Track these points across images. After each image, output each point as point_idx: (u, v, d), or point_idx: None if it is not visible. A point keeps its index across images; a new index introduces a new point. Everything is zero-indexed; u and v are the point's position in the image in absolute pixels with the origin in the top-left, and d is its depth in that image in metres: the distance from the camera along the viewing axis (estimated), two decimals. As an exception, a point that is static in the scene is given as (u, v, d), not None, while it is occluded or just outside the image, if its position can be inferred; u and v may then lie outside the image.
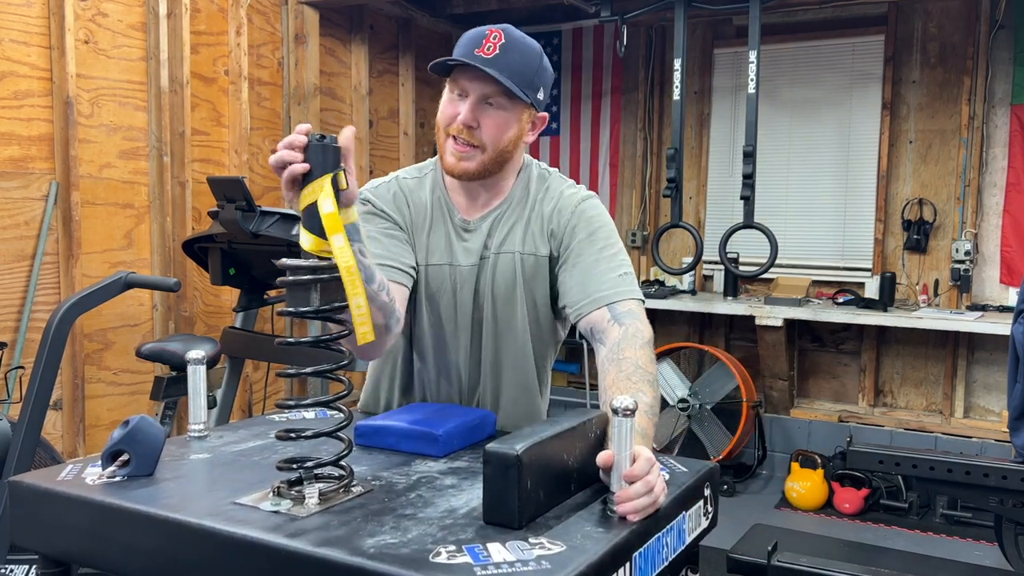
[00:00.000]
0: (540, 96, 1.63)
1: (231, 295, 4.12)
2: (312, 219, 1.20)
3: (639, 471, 1.17)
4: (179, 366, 2.94)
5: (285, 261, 1.23)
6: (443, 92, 1.63)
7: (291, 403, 1.29)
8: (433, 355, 1.73)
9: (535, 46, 1.61)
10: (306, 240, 1.21)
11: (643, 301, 1.63)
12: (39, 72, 3.38)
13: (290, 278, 1.22)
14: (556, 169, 1.77)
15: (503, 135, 1.59)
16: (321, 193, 1.20)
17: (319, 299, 1.24)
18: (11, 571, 2.59)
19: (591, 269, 1.61)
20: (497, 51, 1.54)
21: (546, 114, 1.69)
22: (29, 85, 3.35)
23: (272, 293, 3.42)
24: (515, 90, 1.54)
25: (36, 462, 2.70)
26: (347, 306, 1.23)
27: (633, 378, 1.44)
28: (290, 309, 1.24)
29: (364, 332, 1.22)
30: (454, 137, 1.59)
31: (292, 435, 1.26)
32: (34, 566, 2.63)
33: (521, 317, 1.69)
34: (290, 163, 1.21)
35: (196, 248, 3.33)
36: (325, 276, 1.22)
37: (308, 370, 1.25)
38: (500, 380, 1.73)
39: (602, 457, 1.22)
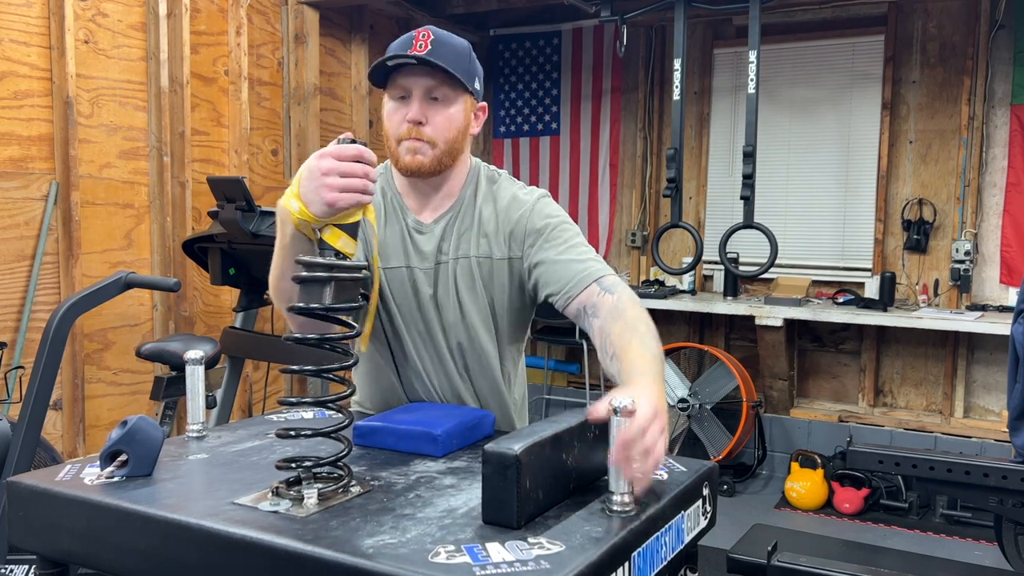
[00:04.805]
0: (477, 86, 1.66)
1: (231, 295, 4.12)
2: (353, 229, 1.30)
3: (631, 436, 1.15)
4: (179, 366, 2.93)
5: (303, 258, 1.25)
6: (383, 104, 1.65)
7: (293, 400, 1.29)
8: (403, 358, 1.74)
9: (464, 41, 1.64)
10: (348, 245, 1.28)
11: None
12: (39, 72, 3.38)
13: (305, 274, 1.24)
14: (504, 171, 1.79)
15: (452, 127, 1.62)
16: (369, 214, 1.34)
17: (332, 298, 1.25)
18: (11, 571, 2.59)
19: (565, 255, 1.63)
20: (430, 47, 1.56)
21: (485, 104, 1.72)
22: (29, 85, 3.35)
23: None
24: (457, 75, 1.57)
25: (36, 462, 2.70)
26: (357, 306, 1.28)
27: (640, 329, 1.45)
28: (300, 304, 1.24)
29: (364, 341, 1.37)
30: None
31: (292, 433, 1.26)
32: (33, 566, 2.63)
33: (484, 319, 1.70)
34: (363, 191, 1.27)
35: (196, 248, 3.34)
36: (342, 275, 1.25)
37: (311, 368, 1.26)
38: (469, 381, 1.74)
39: (596, 411, 1.22)
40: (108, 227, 3.67)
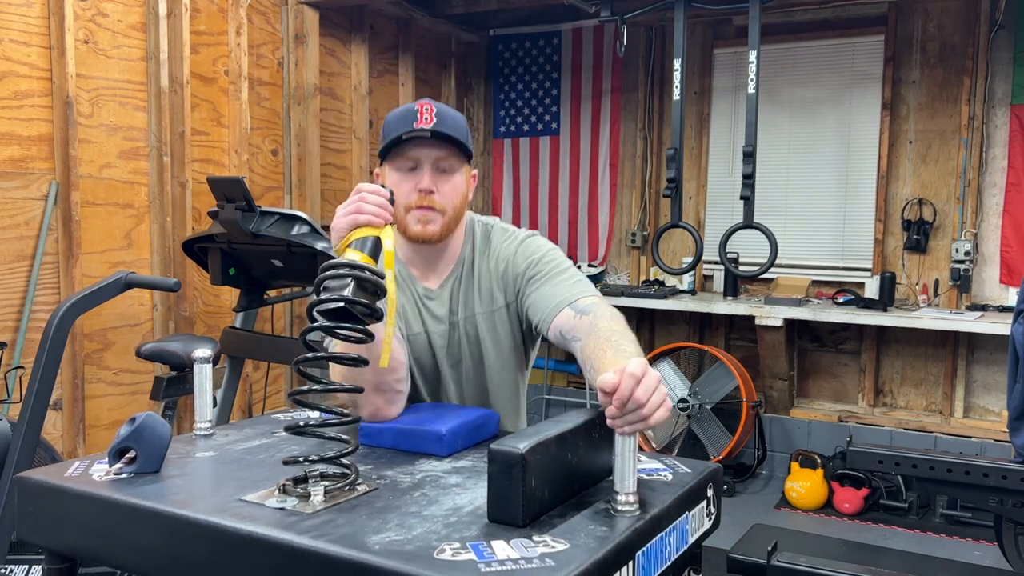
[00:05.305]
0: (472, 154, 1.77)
1: (231, 295, 4.12)
2: (363, 243, 1.38)
3: (624, 392, 1.17)
4: (179, 366, 2.94)
5: (329, 262, 1.31)
6: (387, 175, 1.71)
7: (304, 389, 1.30)
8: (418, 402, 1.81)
9: (460, 114, 1.75)
10: (355, 256, 1.36)
11: (601, 296, 1.69)
12: (39, 72, 3.38)
13: (329, 272, 1.27)
14: (496, 219, 1.87)
15: (458, 194, 1.72)
16: (383, 233, 1.41)
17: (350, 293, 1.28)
18: (11, 571, 2.59)
19: (545, 286, 1.71)
20: (435, 119, 1.65)
21: (476, 171, 1.83)
22: (29, 85, 3.34)
23: (272, 293, 3.42)
24: (468, 145, 1.69)
25: (36, 462, 2.69)
26: (369, 304, 1.29)
27: (613, 338, 1.47)
28: (321, 297, 1.26)
29: (385, 356, 1.43)
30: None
31: (300, 424, 1.28)
32: (34, 566, 2.63)
33: (495, 370, 1.80)
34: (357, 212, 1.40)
35: (196, 248, 3.33)
36: (362, 274, 1.28)
37: (323, 355, 1.28)
38: None
39: (604, 381, 1.21)
40: (108, 227, 3.67)
